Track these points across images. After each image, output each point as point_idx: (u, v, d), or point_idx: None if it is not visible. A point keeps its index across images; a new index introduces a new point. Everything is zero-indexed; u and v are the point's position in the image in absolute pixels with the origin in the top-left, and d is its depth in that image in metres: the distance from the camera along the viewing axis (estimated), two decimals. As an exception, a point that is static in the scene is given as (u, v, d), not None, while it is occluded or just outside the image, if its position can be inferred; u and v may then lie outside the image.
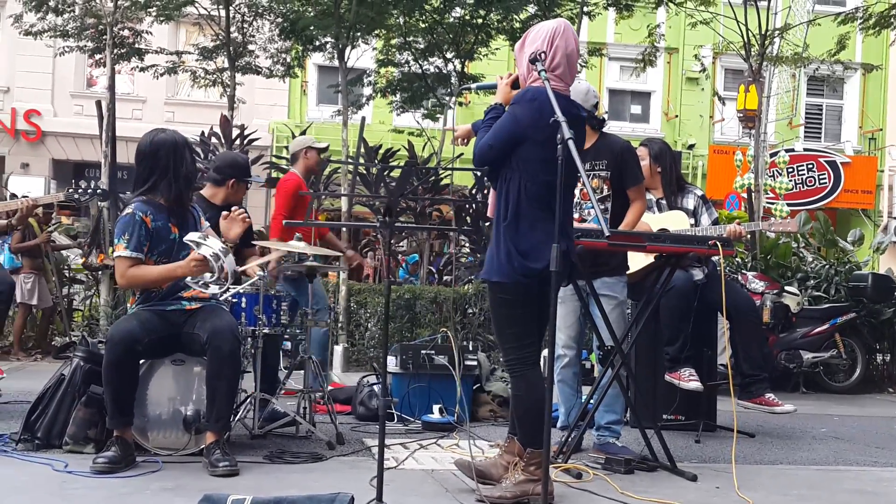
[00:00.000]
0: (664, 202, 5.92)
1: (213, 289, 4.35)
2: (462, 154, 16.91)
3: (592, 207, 4.00)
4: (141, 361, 4.45)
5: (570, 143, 3.41)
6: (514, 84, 4.10)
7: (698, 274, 5.83)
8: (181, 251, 4.50)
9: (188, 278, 4.37)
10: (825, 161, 21.35)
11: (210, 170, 5.71)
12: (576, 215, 5.09)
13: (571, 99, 4.06)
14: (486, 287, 3.99)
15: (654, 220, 5.62)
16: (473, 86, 4.35)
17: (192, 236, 4.34)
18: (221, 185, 5.68)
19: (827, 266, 10.32)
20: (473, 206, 11.26)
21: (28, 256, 9.90)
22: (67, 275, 11.07)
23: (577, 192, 5.07)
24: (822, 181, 21.24)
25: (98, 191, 5.48)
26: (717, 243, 4.75)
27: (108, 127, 11.28)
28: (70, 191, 5.46)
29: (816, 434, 6.55)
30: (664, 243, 4.84)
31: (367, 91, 14.24)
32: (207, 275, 4.31)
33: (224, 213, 4.71)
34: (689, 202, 5.89)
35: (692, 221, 5.79)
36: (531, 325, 3.98)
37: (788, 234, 9.00)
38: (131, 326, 4.37)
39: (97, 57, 13.37)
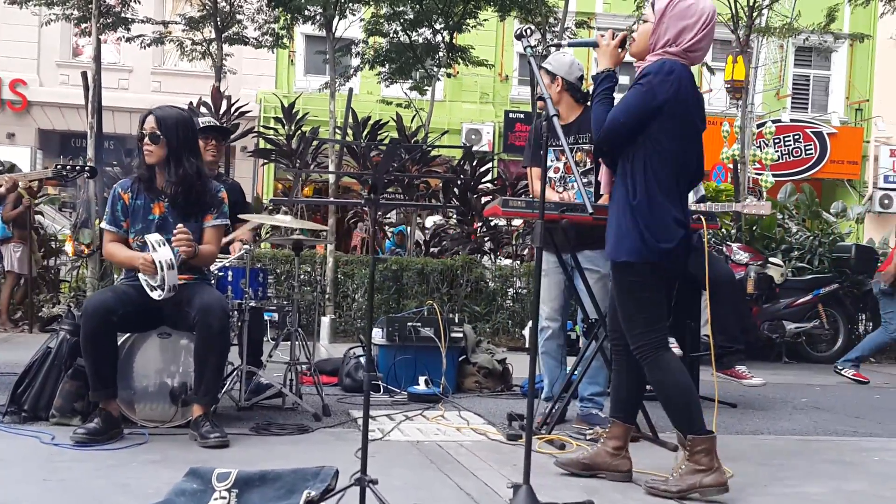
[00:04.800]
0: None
1: (156, 294, 4.33)
2: (447, 131, 16.80)
3: (576, 181, 4.01)
4: (127, 335, 4.48)
5: (555, 119, 3.43)
6: (621, 45, 3.84)
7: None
8: (161, 233, 4.51)
9: (140, 274, 4.39)
10: (811, 132, 21.39)
11: None
12: (560, 188, 5.13)
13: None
14: (616, 269, 3.78)
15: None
16: (566, 43, 4.14)
17: (150, 237, 4.37)
18: None
19: (811, 237, 10.40)
20: (461, 179, 11.26)
21: (17, 227, 9.94)
22: (54, 246, 11.06)
23: (560, 165, 5.11)
24: (808, 152, 21.29)
25: (86, 168, 5.47)
26: (702, 217, 4.78)
27: (94, 97, 11.21)
28: (58, 167, 5.43)
29: (797, 404, 6.63)
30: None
31: (356, 62, 14.18)
32: (157, 277, 4.31)
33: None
34: None
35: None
36: (661, 308, 3.77)
37: (761, 216, 9.07)
38: (105, 297, 4.39)
39: (83, 26, 13.27)
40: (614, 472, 3.92)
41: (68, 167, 5.40)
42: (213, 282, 4.94)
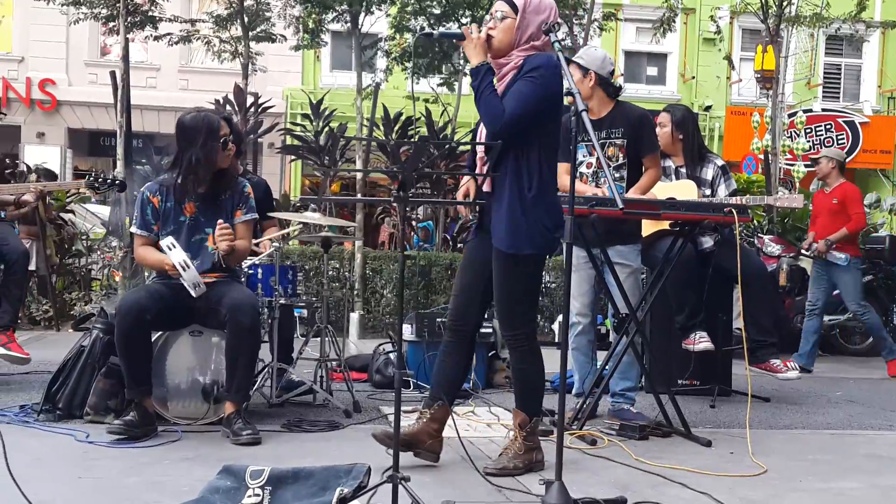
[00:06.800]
0: (684, 170, 5.91)
1: (191, 292, 4.39)
2: (476, 128, 16.74)
3: (606, 176, 3.99)
4: (158, 333, 4.51)
5: (585, 115, 3.41)
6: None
7: (707, 241, 5.81)
8: (194, 234, 4.56)
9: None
10: (843, 121, 21.13)
11: None
12: (592, 183, 5.09)
13: None
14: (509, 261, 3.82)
15: (662, 189, 5.60)
16: (436, 32, 4.19)
17: (164, 241, 4.42)
18: None
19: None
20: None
21: (23, 223, 9.92)
22: (85, 245, 11.13)
23: (593, 160, 5.07)
24: (840, 141, 21.05)
25: (116, 182, 5.57)
26: (733, 211, 4.74)
27: (123, 96, 11.29)
28: (90, 179, 5.55)
29: (831, 398, 6.56)
30: (679, 211, 4.83)
31: (383, 63, 14.13)
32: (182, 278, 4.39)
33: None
34: (708, 172, 5.87)
35: (707, 191, 5.78)
36: (538, 296, 4.06)
37: (794, 209, 8.93)
38: (139, 297, 4.43)
39: (111, 25, 13.34)
40: (430, 452, 3.93)
41: (100, 179, 5.49)
42: (243, 279, 4.97)
